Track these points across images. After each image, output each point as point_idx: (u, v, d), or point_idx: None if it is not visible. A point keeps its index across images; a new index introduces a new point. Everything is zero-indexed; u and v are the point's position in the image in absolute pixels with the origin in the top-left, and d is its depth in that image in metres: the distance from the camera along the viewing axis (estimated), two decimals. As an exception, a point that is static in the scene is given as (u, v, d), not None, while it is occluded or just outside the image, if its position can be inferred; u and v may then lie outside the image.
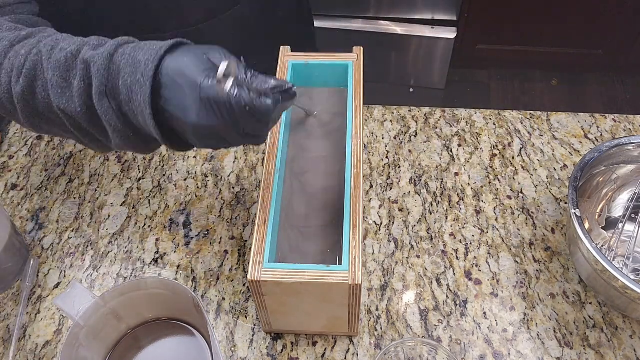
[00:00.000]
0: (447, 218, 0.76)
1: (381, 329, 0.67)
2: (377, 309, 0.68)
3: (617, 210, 0.74)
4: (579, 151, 0.83)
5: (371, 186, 0.80)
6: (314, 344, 0.66)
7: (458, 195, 0.79)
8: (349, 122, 0.65)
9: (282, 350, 0.66)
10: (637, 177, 0.74)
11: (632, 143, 0.70)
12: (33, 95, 0.49)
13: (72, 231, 0.77)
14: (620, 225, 0.73)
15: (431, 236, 0.75)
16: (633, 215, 0.73)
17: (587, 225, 0.72)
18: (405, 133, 0.86)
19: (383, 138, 0.85)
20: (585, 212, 0.73)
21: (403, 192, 0.79)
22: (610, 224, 0.74)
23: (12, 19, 0.57)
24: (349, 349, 0.66)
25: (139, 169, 0.83)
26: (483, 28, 1.91)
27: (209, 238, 0.75)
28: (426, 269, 0.72)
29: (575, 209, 0.63)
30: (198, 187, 0.80)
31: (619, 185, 0.74)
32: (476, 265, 0.72)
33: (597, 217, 0.74)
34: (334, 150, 0.69)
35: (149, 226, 0.77)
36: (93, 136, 0.51)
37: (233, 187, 0.80)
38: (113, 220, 0.77)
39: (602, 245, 0.71)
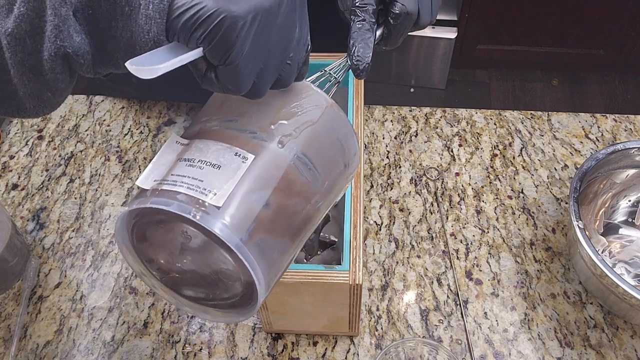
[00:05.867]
0: (447, 218, 0.76)
1: (382, 329, 0.67)
2: (377, 309, 0.68)
3: (617, 216, 0.74)
4: (579, 151, 0.83)
5: (372, 186, 0.80)
6: (315, 343, 0.66)
7: (459, 195, 0.79)
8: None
9: (283, 350, 0.66)
10: (636, 182, 0.74)
11: (629, 148, 0.70)
12: None
13: (73, 231, 0.77)
14: (621, 231, 0.73)
15: (432, 236, 0.75)
16: (630, 220, 0.73)
17: (586, 232, 0.73)
18: (406, 133, 0.86)
19: (383, 138, 0.85)
20: (584, 219, 0.73)
21: (403, 192, 0.79)
22: (609, 229, 0.73)
23: None
24: (349, 348, 0.66)
25: (139, 169, 0.83)
26: (483, 28, 1.91)
27: (209, 238, 0.75)
28: (427, 269, 0.72)
29: (577, 221, 0.63)
30: (199, 187, 0.80)
31: (618, 191, 0.74)
32: (477, 265, 0.72)
33: (596, 223, 0.74)
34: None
35: (150, 226, 0.77)
36: None
37: (234, 187, 0.80)
38: (114, 220, 0.77)
39: (602, 252, 0.71)
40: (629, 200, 0.74)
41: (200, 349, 0.66)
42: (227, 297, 0.43)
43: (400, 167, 0.82)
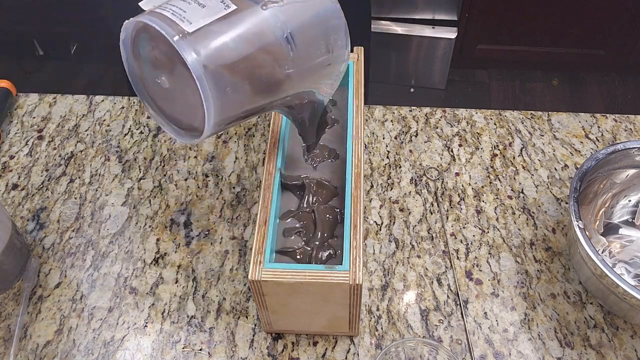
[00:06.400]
0: (447, 218, 0.76)
1: (382, 329, 0.67)
2: (377, 309, 0.69)
3: (617, 216, 0.74)
4: (579, 151, 0.83)
5: (372, 186, 0.80)
6: (315, 344, 0.66)
7: (459, 195, 0.79)
8: (349, 122, 0.65)
9: (283, 350, 0.66)
10: (636, 182, 0.74)
11: (629, 148, 0.70)
12: None
13: (73, 231, 0.77)
14: (621, 231, 0.73)
15: (432, 236, 0.75)
16: (630, 220, 0.73)
17: (586, 232, 0.73)
18: (406, 133, 0.86)
19: (384, 138, 0.85)
20: (584, 219, 0.73)
21: (404, 192, 0.79)
22: (609, 229, 0.73)
23: None
24: (349, 349, 0.66)
25: (139, 169, 0.83)
26: (483, 28, 1.91)
27: (209, 238, 0.75)
28: (427, 269, 0.72)
29: (577, 221, 0.63)
30: (199, 187, 0.80)
31: (618, 191, 0.74)
32: (477, 265, 0.72)
33: (596, 223, 0.74)
34: (334, 151, 0.69)
35: (150, 226, 0.77)
36: None
37: (234, 187, 0.80)
38: (114, 220, 0.78)
39: (603, 252, 0.71)
40: (629, 200, 0.74)
41: (200, 349, 0.66)
42: (191, 123, 0.51)
43: (400, 167, 0.82)
